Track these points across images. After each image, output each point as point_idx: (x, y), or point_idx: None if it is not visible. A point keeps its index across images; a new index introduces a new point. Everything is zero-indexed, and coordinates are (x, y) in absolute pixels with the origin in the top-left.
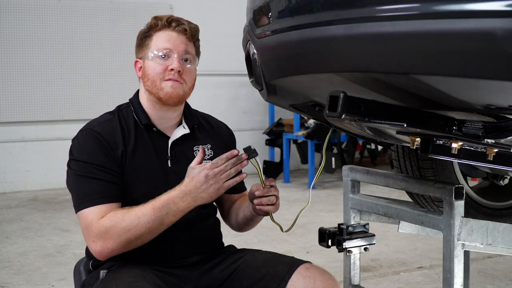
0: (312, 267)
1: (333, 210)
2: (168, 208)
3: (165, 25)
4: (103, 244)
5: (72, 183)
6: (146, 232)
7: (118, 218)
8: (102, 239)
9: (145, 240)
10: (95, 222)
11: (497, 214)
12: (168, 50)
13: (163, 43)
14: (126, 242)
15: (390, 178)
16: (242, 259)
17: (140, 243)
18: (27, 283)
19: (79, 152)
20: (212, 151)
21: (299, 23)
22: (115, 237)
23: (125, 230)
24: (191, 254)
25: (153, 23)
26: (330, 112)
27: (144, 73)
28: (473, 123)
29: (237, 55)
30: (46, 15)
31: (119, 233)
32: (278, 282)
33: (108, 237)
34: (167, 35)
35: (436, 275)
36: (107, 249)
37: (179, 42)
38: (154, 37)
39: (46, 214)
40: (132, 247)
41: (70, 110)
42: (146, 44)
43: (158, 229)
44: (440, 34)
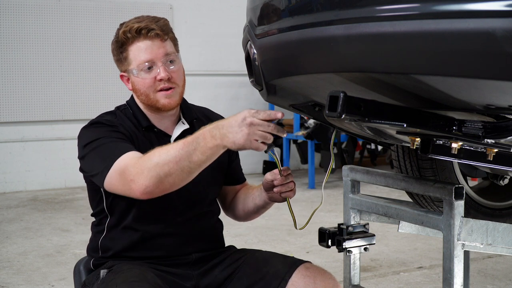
0: (312, 266)
1: (333, 210)
2: (197, 142)
3: (135, 36)
4: (138, 181)
5: (93, 158)
6: (175, 168)
7: (150, 154)
8: (137, 175)
9: (176, 180)
10: (130, 162)
11: (497, 214)
12: (149, 61)
13: (142, 55)
14: (156, 177)
15: (390, 178)
16: (242, 259)
17: (172, 183)
18: (27, 283)
19: (90, 136)
20: None
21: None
22: (145, 171)
23: (155, 164)
24: (191, 251)
25: (123, 37)
26: (330, 112)
27: (134, 88)
28: (473, 123)
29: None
30: (46, 15)
31: (149, 167)
32: (278, 281)
33: (140, 172)
34: (142, 46)
35: (436, 275)
36: (141, 186)
37: (156, 48)
38: (130, 52)
39: (46, 214)
40: (165, 187)
41: (70, 110)
42: (125, 59)
43: (188, 167)
44: (440, 34)
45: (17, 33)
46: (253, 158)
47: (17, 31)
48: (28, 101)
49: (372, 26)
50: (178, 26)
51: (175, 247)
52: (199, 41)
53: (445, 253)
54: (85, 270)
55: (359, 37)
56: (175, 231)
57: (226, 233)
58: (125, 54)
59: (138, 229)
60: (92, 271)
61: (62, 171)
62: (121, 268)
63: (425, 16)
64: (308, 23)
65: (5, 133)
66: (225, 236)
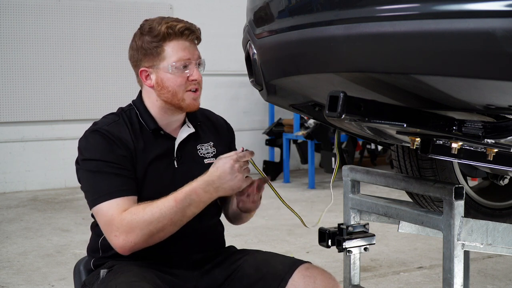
0: (312, 266)
1: (333, 210)
2: (190, 199)
3: (178, 34)
4: (126, 238)
5: (87, 180)
6: (168, 224)
7: (140, 211)
8: (125, 233)
9: (167, 233)
10: (117, 216)
11: (497, 214)
12: (188, 60)
13: (181, 53)
14: (148, 235)
15: (390, 178)
16: (242, 259)
17: (162, 236)
18: (27, 283)
19: (91, 151)
20: (215, 149)
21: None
22: (137, 230)
23: (148, 223)
24: (192, 252)
25: (165, 32)
26: (330, 112)
27: (160, 85)
28: (473, 123)
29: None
30: (46, 15)
31: (142, 226)
32: (278, 281)
33: (130, 230)
34: (182, 45)
35: (436, 275)
36: (129, 243)
37: (193, 50)
38: (168, 47)
39: (46, 214)
40: (155, 240)
41: (70, 110)
42: (158, 54)
43: (181, 221)
44: (440, 34)
45: (17, 33)
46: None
47: (17, 31)
48: (28, 101)
49: (372, 26)
50: None
51: (176, 248)
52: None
53: (445, 253)
54: (85, 270)
55: (359, 37)
56: (176, 235)
57: (226, 233)
58: (159, 50)
59: None
60: (92, 271)
61: (62, 171)
62: (121, 268)
63: (425, 16)
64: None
65: (5, 133)
66: (225, 236)
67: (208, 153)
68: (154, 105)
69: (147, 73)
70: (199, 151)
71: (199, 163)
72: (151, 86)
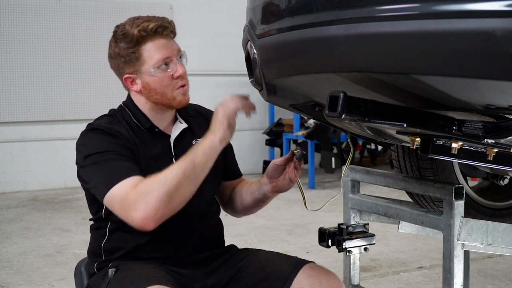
0: (316, 266)
1: (333, 210)
2: (194, 152)
3: (152, 34)
4: (145, 207)
5: (94, 173)
6: (183, 179)
7: (152, 178)
8: (143, 202)
9: (185, 192)
10: (131, 190)
11: (497, 214)
12: (167, 58)
13: (159, 53)
14: (167, 196)
15: (390, 178)
16: (246, 259)
17: (182, 197)
18: (27, 283)
19: (92, 146)
20: None
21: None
22: (154, 194)
23: (162, 183)
24: (197, 251)
25: (138, 36)
26: (330, 112)
27: (147, 89)
28: (473, 123)
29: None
30: (46, 15)
31: (157, 188)
32: (283, 281)
33: (148, 196)
34: (158, 44)
35: (436, 275)
36: (150, 211)
37: (171, 45)
38: (144, 51)
39: (46, 214)
40: (175, 204)
41: (70, 110)
42: (137, 59)
43: (194, 173)
44: (440, 34)
45: (17, 33)
46: (253, 158)
47: (17, 31)
48: (28, 101)
49: (372, 26)
50: (178, 26)
51: (181, 248)
52: (199, 41)
53: (445, 253)
54: (87, 273)
55: (359, 37)
56: (180, 232)
57: (226, 233)
58: (137, 54)
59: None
60: (95, 273)
61: (62, 171)
62: (130, 266)
63: (425, 16)
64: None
65: (5, 133)
66: (225, 236)
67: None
68: (144, 106)
69: (132, 79)
70: None
71: None
72: (138, 91)
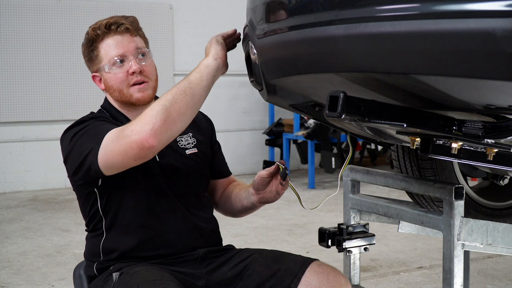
0: (323, 264)
1: (333, 210)
2: (188, 75)
3: (105, 32)
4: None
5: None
6: (177, 93)
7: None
8: (140, 122)
9: (182, 106)
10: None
11: (497, 214)
12: (121, 55)
13: (113, 50)
14: (164, 110)
15: (390, 178)
16: (251, 257)
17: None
18: (27, 283)
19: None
20: (195, 139)
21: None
22: (149, 113)
23: (157, 102)
24: (196, 246)
25: (93, 34)
26: (330, 112)
27: (107, 86)
28: (473, 123)
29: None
30: (46, 15)
31: (153, 107)
32: (291, 278)
33: (143, 117)
34: (112, 41)
35: (436, 275)
36: (147, 125)
37: (126, 42)
38: (101, 48)
39: (46, 214)
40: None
41: (70, 110)
42: (96, 57)
43: (190, 88)
44: (440, 34)
45: (17, 33)
46: (253, 158)
47: (17, 31)
48: (28, 101)
49: (372, 26)
50: (178, 26)
51: (179, 243)
52: (199, 41)
53: (445, 253)
54: (87, 276)
55: (359, 37)
56: (175, 226)
57: (226, 233)
58: (96, 52)
59: (139, 227)
60: (95, 276)
61: (62, 171)
62: (134, 270)
63: (425, 16)
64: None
65: (5, 133)
66: (225, 236)
67: (188, 144)
68: (116, 104)
69: (98, 77)
70: (179, 143)
71: (181, 154)
72: (103, 89)
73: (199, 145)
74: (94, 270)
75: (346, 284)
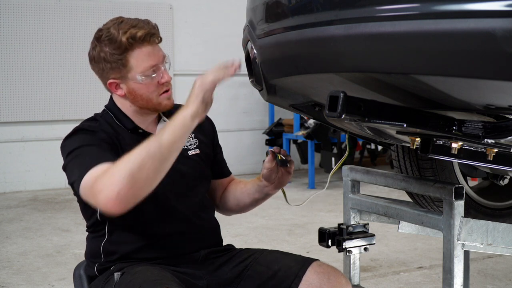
0: (324, 264)
1: (333, 210)
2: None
3: (140, 42)
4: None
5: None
6: (146, 157)
7: (119, 160)
8: (107, 182)
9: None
10: (100, 175)
11: (497, 214)
12: (154, 66)
13: (146, 61)
14: (130, 175)
15: (390, 178)
16: (251, 257)
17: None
18: (27, 283)
19: (73, 144)
20: (197, 139)
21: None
22: (117, 173)
23: (125, 162)
24: (198, 247)
25: (126, 44)
26: (330, 112)
27: (133, 94)
28: (473, 123)
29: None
30: (46, 15)
31: (120, 167)
32: (291, 278)
33: (111, 176)
34: (146, 51)
35: (436, 275)
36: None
37: (157, 52)
38: (131, 58)
39: (46, 214)
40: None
41: (70, 110)
42: (123, 65)
43: (160, 152)
44: (440, 34)
45: (17, 33)
46: (253, 158)
47: (17, 31)
48: (28, 101)
49: (372, 26)
50: (178, 26)
51: (181, 245)
52: (199, 41)
53: (445, 253)
54: (87, 276)
55: (359, 37)
56: (178, 228)
57: (226, 233)
58: (125, 61)
59: (141, 230)
60: (95, 276)
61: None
62: (135, 270)
63: (425, 16)
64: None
65: (5, 133)
66: (225, 236)
67: (190, 145)
68: (128, 109)
69: (116, 83)
70: None
71: (183, 156)
72: (123, 96)
73: (201, 146)
74: (94, 271)
75: (347, 284)
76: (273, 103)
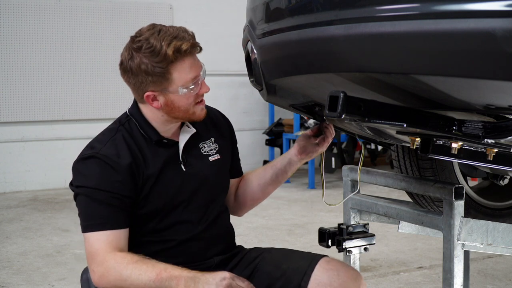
0: (332, 260)
1: (333, 210)
2: (170, 283)
3: (184, 55)
4: (100, 279)
5: (80, 205)
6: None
7: (122, 265)
8: (102, 275)
9: None
10: (101, 253)
11: (497, 214)
12: (195, 78)
13: (189, 74)
14: (119, 286)
15: (390, 178)
16: (259, 258)
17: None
18: (27, 283)
19: (86, 178)
20: (217, 144)
21: (299, 23)
22: (111, 279)
23: (122, 280)
24: (212, 255)
25: (173, 58)
26: (330, 112)
27: (171, 106)
28: (473, 123)
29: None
30: (46, 15)
31: (116, 278)
32: (301, 276)
33: (106, 276)
34: (188, 63)
35: (436, 275)
36: (103, 283)
37: (197, 63)
38: (174, 70)
39: (46, 214)
40: None
41: (70, 110)
42: (165, 78)
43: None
44: (440, 34)
45: (17, 33)
46: (253, 158)
47: (17, 31)
48: (28, 101)
49: (372, 26)
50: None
51: (197, 253)
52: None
53: (445, 253)
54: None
55: (359, 37)
56: (197, 236)
57: None
58: (167, 74)
59: (157, 236)
60: None
61: (62, 171)
62: None
63: (425, 16)
64: (308, 23)
65: (5, 133)
66: None
67: (211, 150)
68: (157, 120)
69: (154, 96)
70: (202, 150)
71: (205, 162)
72: (159, 107)
73: (221, 150)
74: None
75: (358, 278)
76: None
